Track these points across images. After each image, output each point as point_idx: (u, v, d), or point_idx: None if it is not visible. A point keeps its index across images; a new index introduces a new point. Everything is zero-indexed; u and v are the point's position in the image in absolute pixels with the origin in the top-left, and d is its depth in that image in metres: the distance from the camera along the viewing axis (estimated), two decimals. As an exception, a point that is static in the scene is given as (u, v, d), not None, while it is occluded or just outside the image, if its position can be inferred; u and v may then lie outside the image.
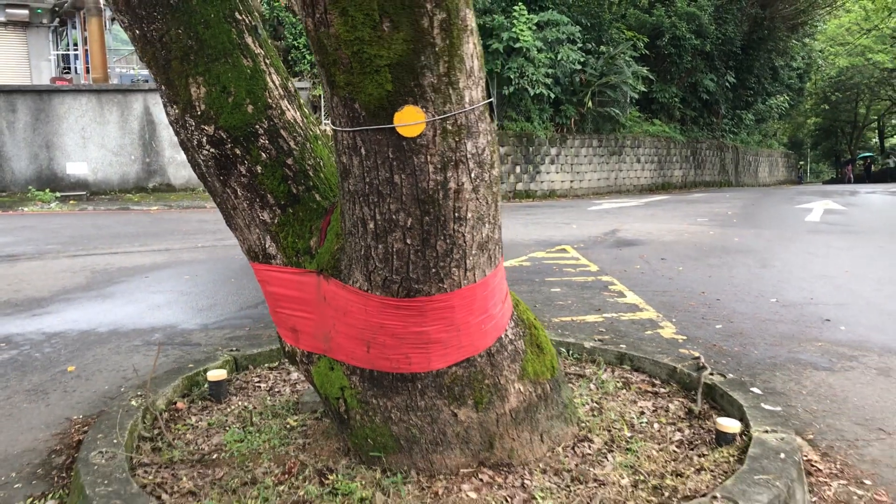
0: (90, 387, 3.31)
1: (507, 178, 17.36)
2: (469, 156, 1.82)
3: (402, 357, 2.05)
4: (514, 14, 15.82)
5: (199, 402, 2.87)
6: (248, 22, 2.17)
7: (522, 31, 15.46)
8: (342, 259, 2.07)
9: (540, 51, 15.87)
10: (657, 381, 2.99)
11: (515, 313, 2.29)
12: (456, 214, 1.86)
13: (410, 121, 1.70)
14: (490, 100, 1.88)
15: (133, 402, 2.62)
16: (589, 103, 18.23)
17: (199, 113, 2.09)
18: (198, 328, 4.40)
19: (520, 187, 17.67)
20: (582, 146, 19.21)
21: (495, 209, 1.99)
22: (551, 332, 3.72)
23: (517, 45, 15.54)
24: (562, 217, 12.05)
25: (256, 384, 3.08)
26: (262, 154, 2.14)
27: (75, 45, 21.29)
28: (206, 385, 2.92)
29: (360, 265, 1.99)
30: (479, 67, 1.81)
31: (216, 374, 2.89)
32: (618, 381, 2.97)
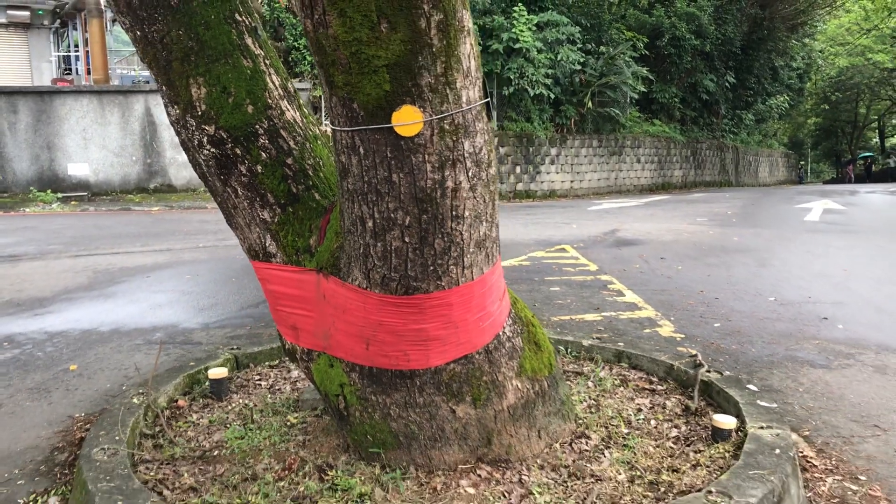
0: (92, 385, 3.34)
1: (508, 179, 17.37)
2: (466, 155, 1.84)
3: (401, 354, 2.08)
4: (514, 15, 15.84)
5: (201, 399, 2.89)
6: (248, 23, 2.19)
7: (522, 31, 15.48)
8: (341, 257, 2.09)
9: (540, 51, 15.89)
10: (654, 379, 3.01)
11: (513, 311, 2.31)
12: (454, 213, 1.88)
13: (408, 120, 1.73)
14: (487, 99, 1.90)
15: (135, 400, 2.64)
16: (589, 103, 18.25)
17: (199, 113, 2.11)
18: (199, 327, 4.42)
19: (520, 187, 17.68)
20: (582, 146, 19.23)
21: (492, 208, 2.01)
22: (550, 330, 3.74)
23: (517, 46, 15.56)
24: (562, 217, 12.07)
25: (257, 382, 3.10)
26: (262, 154, 2.16)
27: (76, 46, 21.31)
28: (208, 383, 2.95)
29: (359, 263, 2.01)
30: (475, 68, 1.84)
31: (217, 372, 2.91)
32: (615, 379, 2.99)
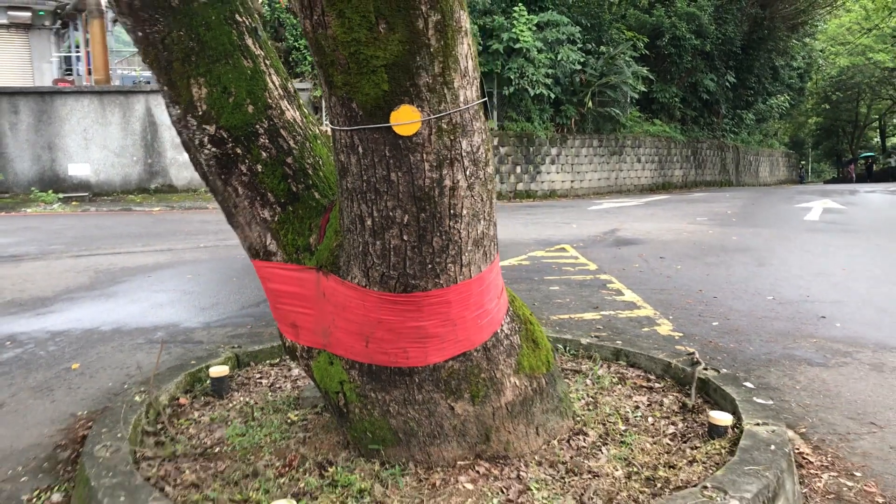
0: (94, 384, 3.36)
1: (508, 179, 17.39)
2: (464, 154, 1.86)
3: (400, 351, 2.10)
4: (514, 15, 15.87)
5: (202, 397, 2.91)
6: (248, 24, 2.21)
7: (522, 31, 15.51)
8: (341, 255, 2.12)
9: (540, 51, 15.92)
10: (652, 377, 3.03)
11: (511, 309, 2.33)
12: (451, 211, 1.90)
13: (406, 120, 1.75)
14: (484, 99, 1.92)
15: (136, 398, 2.66)
16: (589, 103, 18.27)
17: (200, 113, 2.13)
18: (200, 326, 4.45)
19: (520, 187, 17.70)
20: (582, 146, 19.25)
21: (490, 206, 2.03)
22: (549, 329, 3.77)
23: (517, 46, 15.59)
24: (562, 217, 12.09)
25: (258, 380, 3.12)
26: (263, 153, 2.18)
27: (77, 46, 21.34)
28: (209, 381, 2.97)
29: (358, 261, 2.03)
30: (473, 68, 1.86)
31: (218, 371, 2.93)
32: (613, 377, 3.01)
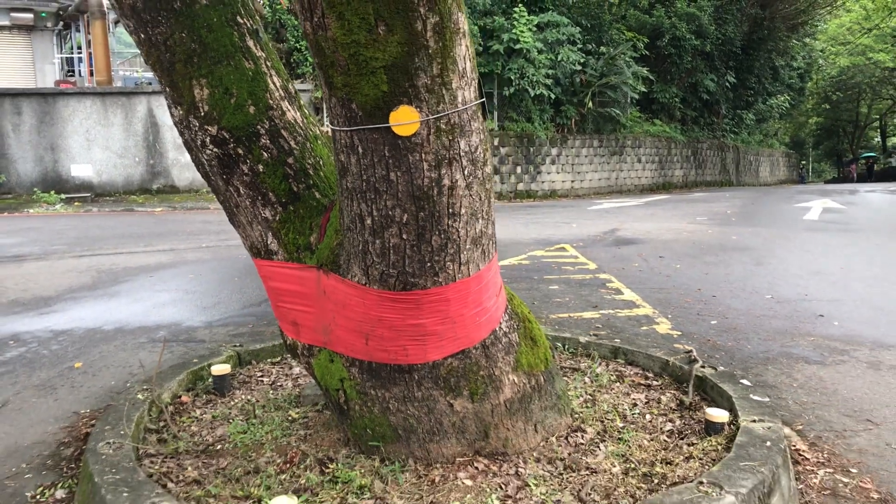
0: (97, 382, 3.39)
1: (508, 179, 17.42)
2: (462, 154, 1.89)
3: (400, 349, 2.12)
4: (515, 15, 15.90)
5: (204, 395, 2.94)
6: (249, 25, 2.24)
7: (523, 32, 15.54)
8: (341, 254, 2.14)
9: (540, 52, 15.95)
10: (650, 374, 3.05)
11: (510, 307, 2.35)
12: (450, 210, 1.93)
13: (405, 120, 1.77)
14: (482, 100, 1.95)
15: (139, 396, 2.69)
16: (589, 104, 18.30)
17: (202, 114, 2.16)
18: (202, 325, 4.47)
19: (521, 187, 17.73)
20: (583, 146, 19.27)
21: (488, 205, 2.06)
22: (548, 327, 3.79)
23: (517, 47, 15.62)
24: (562, 216, 12.11)
25: (259, 378, 3.15)
26: (264, 153, 2.21)
27: (79, 48, 21.40)
28: (211, 379, 2.99)
29: (358, 260, 2.06)
30: (471, 69, 1.88)
31: (220, 369, 2.96)
32: (612, 375, 3.03)
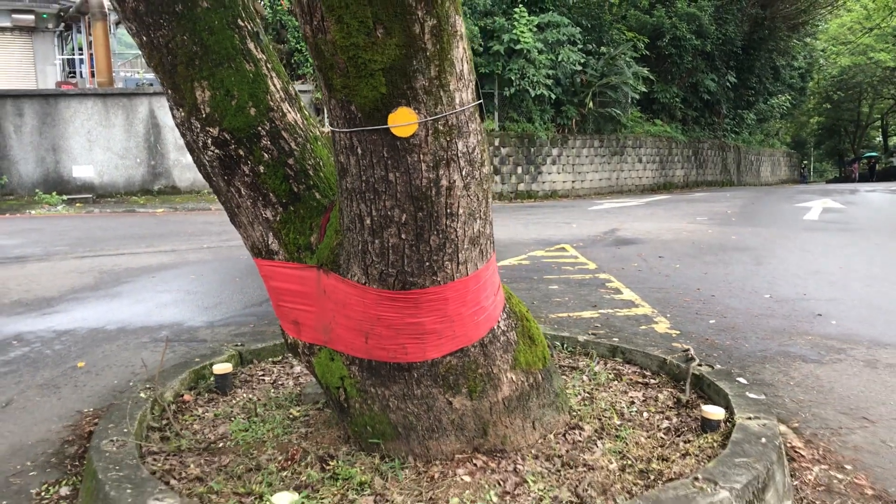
0: (100, 381, 3.42)
1: (509, 179, 17.44)
2: (460, 154, 1.91)
3: (399, 347, 2.15)
4: (515, 16, 15.93)
5: (206, 394, 2.97)
6: (250, 28, 2.27)
7: (523, 32, 15.56)
8: (341, 254, 2.17)
9: (541, 52, 15.98)
10: (648, 373, 3.08)
11: (508, 306, 2.38)
12: (448, 210, 1.95)
13: (404, 122, 1.80)
14: (480, 101, 1.97)
15: (142, 395, 2.72)
16: (590, 104, 18.32)
17: (203, 115, 2.19)
18: (204, 325, 4.50)
19: (521, 188, 17.75)
20: (583, 147, 19.29)
21: (486, 205, 2.08)
22: (547, 327, 3.82)
23: (518, 47, 15.65)
24: (562, 217, 12.13)
25: (260, 377, 3.18)
26: (265, 154, 2.24)
27: (80, 49, 21.44)
28: (213, 378, 3.02)
29: (357, 259, 2.09)
30: (468, 70, 1.91)
31: (222, 368, 2.99)
32: (610, 373, 3.06)
